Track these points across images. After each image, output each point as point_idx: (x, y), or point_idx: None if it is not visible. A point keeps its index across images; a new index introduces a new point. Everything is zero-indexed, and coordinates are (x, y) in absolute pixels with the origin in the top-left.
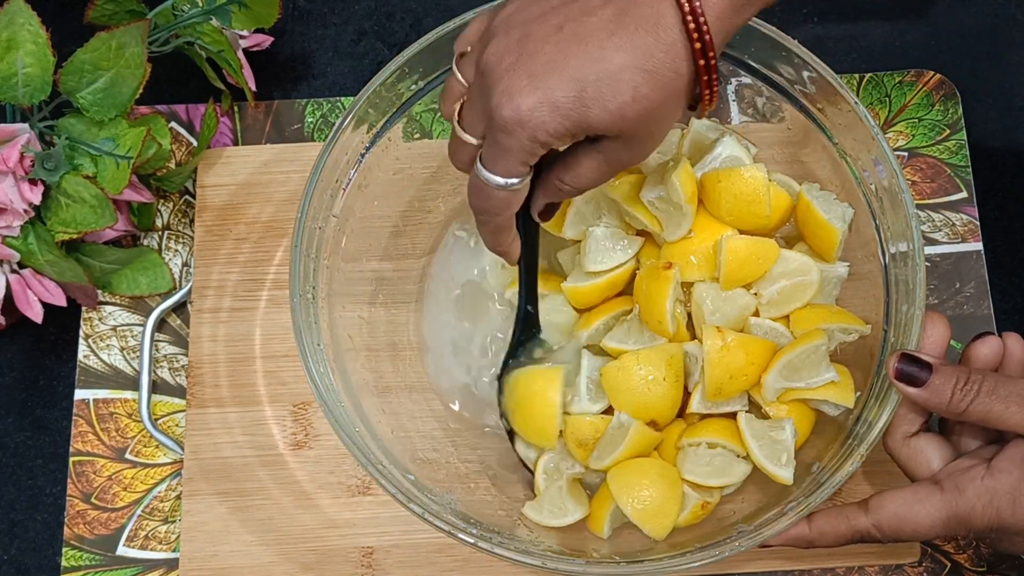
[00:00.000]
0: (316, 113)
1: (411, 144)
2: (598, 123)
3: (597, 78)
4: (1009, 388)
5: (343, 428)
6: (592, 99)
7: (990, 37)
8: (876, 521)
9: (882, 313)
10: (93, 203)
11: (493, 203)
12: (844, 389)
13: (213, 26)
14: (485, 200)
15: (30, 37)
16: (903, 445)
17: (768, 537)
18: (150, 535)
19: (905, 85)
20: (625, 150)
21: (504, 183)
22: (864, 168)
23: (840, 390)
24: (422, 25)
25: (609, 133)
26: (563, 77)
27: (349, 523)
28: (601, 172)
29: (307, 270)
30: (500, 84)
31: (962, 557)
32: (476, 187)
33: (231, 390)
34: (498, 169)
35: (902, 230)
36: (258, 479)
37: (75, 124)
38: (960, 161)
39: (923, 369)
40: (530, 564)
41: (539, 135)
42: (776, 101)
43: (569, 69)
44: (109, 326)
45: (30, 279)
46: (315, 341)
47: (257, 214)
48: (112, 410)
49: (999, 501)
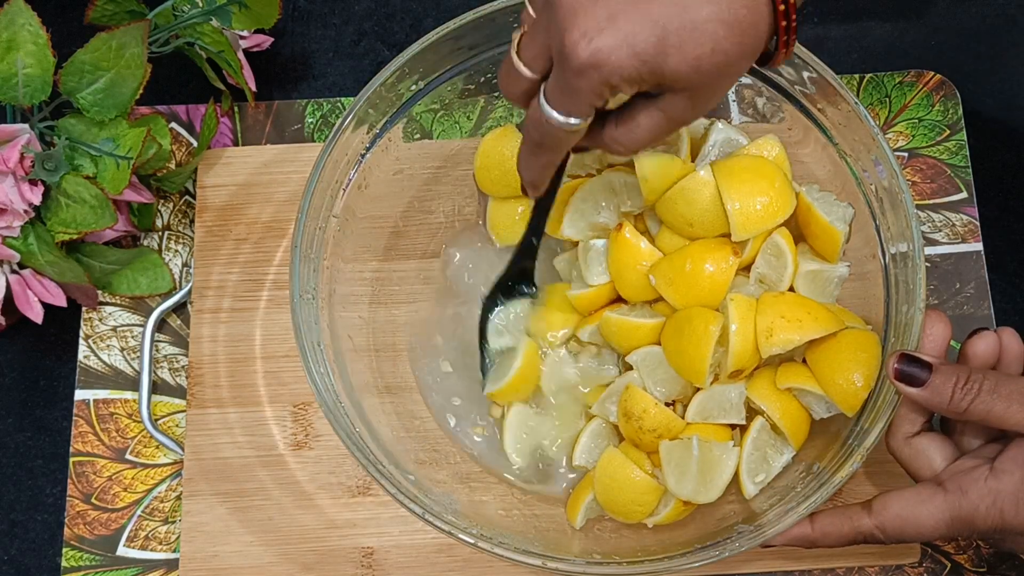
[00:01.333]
0: (316, 113)
1: (411, 144)
2: (673, 73)
3: (680, 25)
4: (1011, 387)
5: (343, 428)
6: (673, 47)
7: (990, 37)
8: (879, 523)
9: (882, 313)
10: (93, 203)
11: (550, 140)
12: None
13: (213, 26)
14: (542, 135)
15: (30, 38)
16: (905, 445)
17: (768, 537)
18: (150, 535)
19: (905, 85)
20: (688, 106)
21: (567, 122)
22: (864, 168)
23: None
24: (422, 26)
25: (678, 85)
26: (645, 20)
27: (349, 523)
28: (658, 130)
29: (307, 270)
30: (576, 21)
31: (962, 558)
32: (535, 121)
33: (231, 390)
34: (564, 108)
35: (902, 230)
36: (258, 479)
37: (75, 124)
38: (960, 161)
39: (923, 369)
40: (530, 564)
41: (612, 79)
42: (776, 101)
43: (652, 13)
44: (109, 326)
45: (30, 279)
46: (315, 341)
47: (257, 214)
48: (112, 410)
49: (1003, 502)
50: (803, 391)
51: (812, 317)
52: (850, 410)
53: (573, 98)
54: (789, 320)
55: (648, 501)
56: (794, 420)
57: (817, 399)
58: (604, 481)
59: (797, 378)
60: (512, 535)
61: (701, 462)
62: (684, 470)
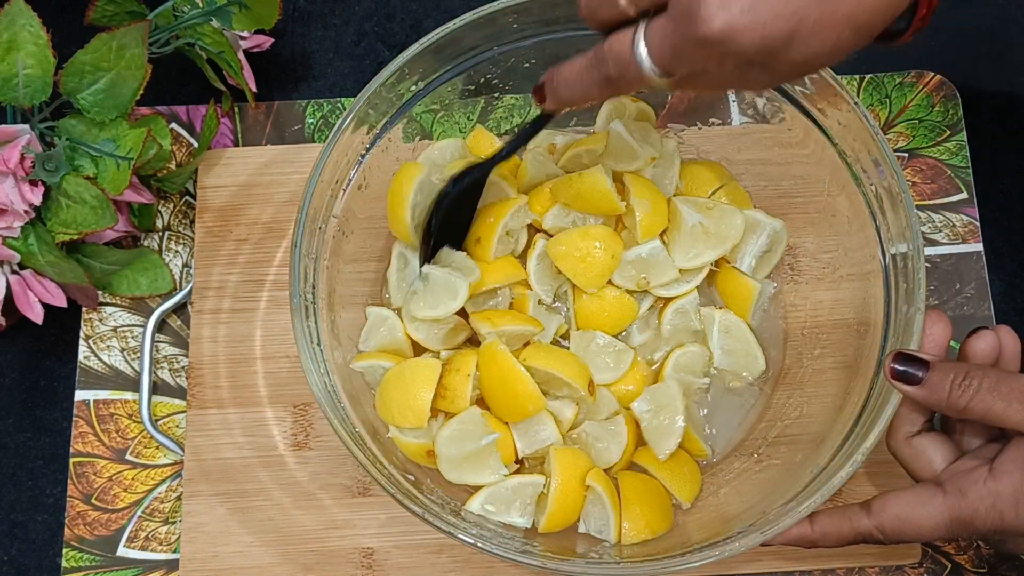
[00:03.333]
0: (316, 114)
1: (411, 145)
2: (788, 62)
3: (817, 19)
4: (1011, 385)
5: (343, 429)
6: (801, 40)
7: (990, 38)
8: (879, 523)
9: (882, 314)
10: (94, 204)
11: (624, 82)
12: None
13: (213, 27)
14: (620, 73)
15: (31, 38)
16: (905, 445)
17: (768, 538)
18: (150, 536)
19: (905, 86)
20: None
21: (658, 73)
22: (864, 169)
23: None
24: (422, 26)
25: (781, 69)
26: (787, 6)
27: (349, 524)
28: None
29: (307, 271)
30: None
31: (963, 558)
32: (619, 58)
33: (231, 391)
34: (665, 65)
35: (902, 231)
36: (258, 480)
37: (76, 125)
38: (960, 162)
39: (920, 367)
40: (530, 565)
41: (730, 54)
42: (776, 102)
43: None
44: (109, 327)
45: (30, 280)
46: (315, 342)
47: (257, 215)
48: (112, 411)
49: (1002, 504)
50: (600, 499)
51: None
52: (618, 535)
53: (681, 61)
54: None
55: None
56: (564, 508)
57: (601, 515)
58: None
59: (604, 486)
60: (512, 535)
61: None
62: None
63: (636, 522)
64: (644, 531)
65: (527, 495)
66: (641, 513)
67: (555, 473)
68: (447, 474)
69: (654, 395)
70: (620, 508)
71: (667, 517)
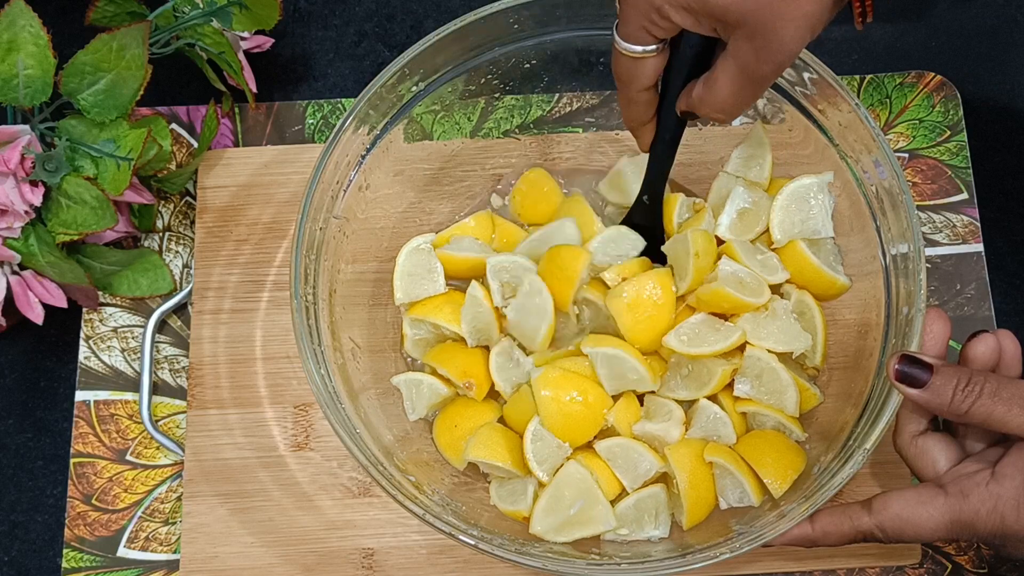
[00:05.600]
0: (317, 115)
1: (411, 145)
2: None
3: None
4: (1012, 391)
5: (343, 429)
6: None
7: (990, 38)
8: (879, 522)
9: (882, 314)
10: (94, 204)
11: (619, 68)
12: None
13: (214, 28)
14: (615, 63)
15: (31, 39)
16: (911, 444)
17: (769, 538)
18: (151, 536)
19: (906, 86)
20: (751, 50)
21: (627, 48)
22: (865, 169)
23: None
24: (423, 27)
25: (729, 18)
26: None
27: (350, 525)
28: (736, 84)
29: (308, 271)
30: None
31: (963, 559)
32: (613, 55)
33: (232, 391)
34: (623, 34)
35: (903, 231)
36: (259, 480)
37: (76, 126)
38: (961, 162)
39: (924, 370)
40: (530, 565)
41: (656, 2)
42: (777, 102)
43: None
44: (110, 327)
45: (31, 280)
46: (316, 342)
47: (258, 215)
48: (113, 411)
49: (1003, 507)
50: (725, 469)
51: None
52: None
53: (625, 20)
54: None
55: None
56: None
57: (735, 483)
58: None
59: (725, 455)
60: (513, 536)
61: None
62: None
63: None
64: (787, 473)
65: (650, 507)
66: (774, 461)
67: (676, 469)
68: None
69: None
70: (750, 469)
71: (799, 453)
